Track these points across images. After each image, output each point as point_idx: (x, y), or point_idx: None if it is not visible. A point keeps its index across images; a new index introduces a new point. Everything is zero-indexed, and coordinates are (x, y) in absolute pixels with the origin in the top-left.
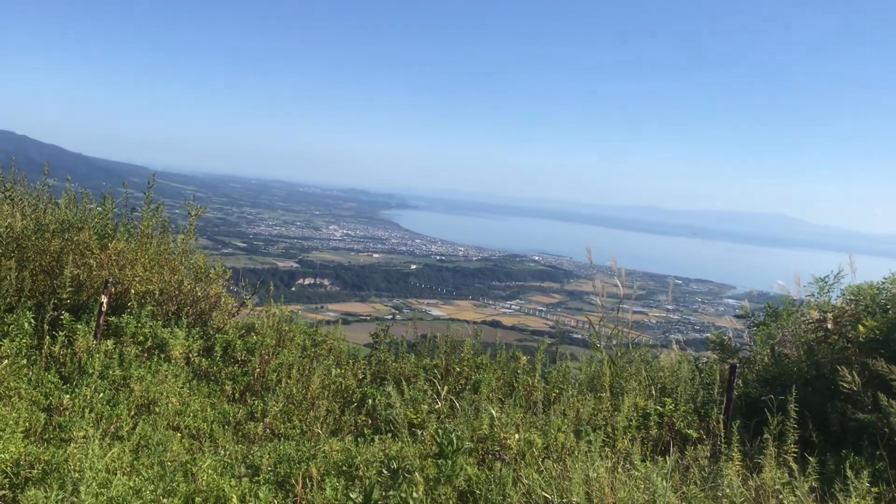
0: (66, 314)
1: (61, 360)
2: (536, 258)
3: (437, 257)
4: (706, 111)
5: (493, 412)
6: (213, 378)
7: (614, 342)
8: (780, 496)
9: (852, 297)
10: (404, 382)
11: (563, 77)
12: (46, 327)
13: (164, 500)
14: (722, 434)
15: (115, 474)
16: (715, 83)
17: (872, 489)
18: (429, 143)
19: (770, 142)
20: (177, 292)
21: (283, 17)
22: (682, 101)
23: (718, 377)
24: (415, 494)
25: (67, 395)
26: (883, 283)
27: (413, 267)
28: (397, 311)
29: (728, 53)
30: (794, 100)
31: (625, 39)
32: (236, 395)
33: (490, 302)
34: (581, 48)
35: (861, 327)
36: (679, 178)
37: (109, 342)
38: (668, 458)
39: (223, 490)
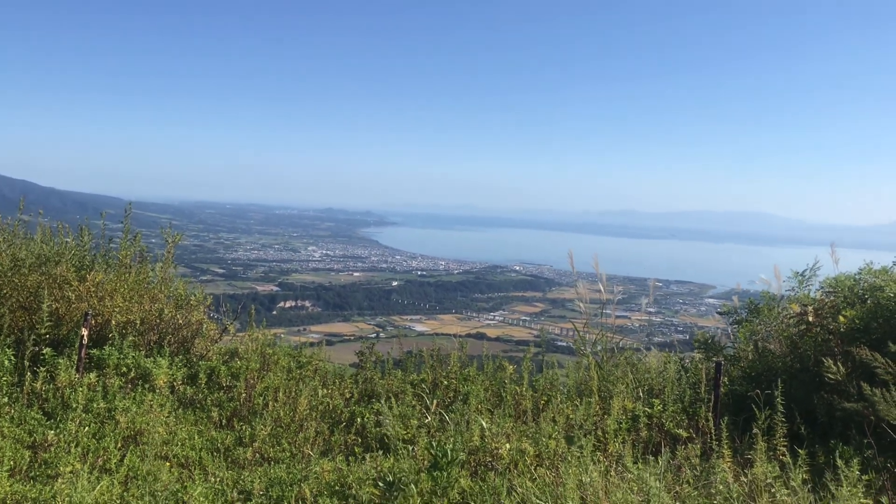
0: (47, 349)
1: (44, 395)
2: (517, 268)
3: (419, 272)
4: (679, 113)
5: (483, 423)
6: (199, 405)
7: (599, 347)
8: (773, 490)
9: (831, 289)
10: (392, 399)
11: (536, 85)
12: (27, 363)
13: None
14: (711, 432)
15: None
16: (685, 86)
17: (863, 477)
18: (407, 157)
19: (743, 140)
20: (158, 321)
21: (251, 40)
22: (654, 104)
23: (704, 376)
24: None
25: (52, 431)
26: (860, 273)
27: (394, 284)
28: (381, 329)
29: (696, 57)
30: (765, 99)
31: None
32: (223, 421)
33: (473, 314)
34: (552, 54)
35: (841, 318)
36: (655, 180)
37: (92, 375)
38: (659, 458)
39: None
